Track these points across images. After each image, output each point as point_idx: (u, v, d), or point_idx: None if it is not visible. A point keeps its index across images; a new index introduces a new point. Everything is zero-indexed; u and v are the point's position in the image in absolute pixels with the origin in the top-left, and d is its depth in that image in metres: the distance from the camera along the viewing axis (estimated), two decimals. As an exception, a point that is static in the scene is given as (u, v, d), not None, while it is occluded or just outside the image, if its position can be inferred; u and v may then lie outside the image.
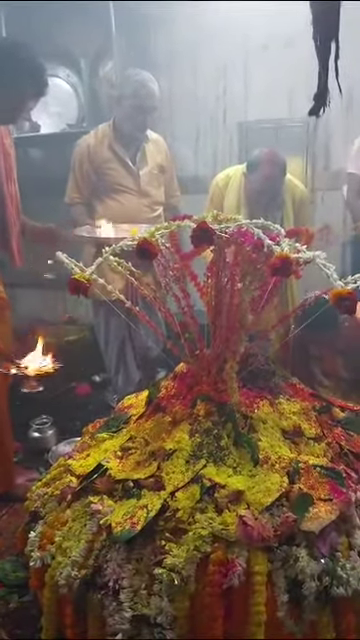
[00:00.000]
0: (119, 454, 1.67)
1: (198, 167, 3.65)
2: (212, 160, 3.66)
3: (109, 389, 3.23)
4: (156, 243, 1.44)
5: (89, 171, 2.89)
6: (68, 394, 3.33)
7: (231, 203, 2.80)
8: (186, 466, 1.55)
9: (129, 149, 2.89)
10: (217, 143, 3.65)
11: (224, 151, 3.64)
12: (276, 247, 1.39)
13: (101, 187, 2.90)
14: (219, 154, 3.65)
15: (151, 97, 2.73)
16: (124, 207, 2.86)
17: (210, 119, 3.60)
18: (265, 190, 2.72)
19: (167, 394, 1.78)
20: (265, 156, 2.69)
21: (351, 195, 3.08)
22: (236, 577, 1.34)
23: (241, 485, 1.48)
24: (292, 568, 1.36)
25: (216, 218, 1.51)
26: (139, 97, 2.70)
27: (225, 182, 2.87)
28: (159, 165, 2.97)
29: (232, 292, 1.66)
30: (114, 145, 2.87)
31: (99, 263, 1.53)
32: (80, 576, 1.44)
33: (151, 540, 1.43)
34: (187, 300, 1.72)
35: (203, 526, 1.40)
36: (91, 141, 2.90)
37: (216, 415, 1.64)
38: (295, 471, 1.53)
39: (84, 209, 2.96)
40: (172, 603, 1.34)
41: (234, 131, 3.60)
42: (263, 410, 1.68)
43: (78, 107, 3.75)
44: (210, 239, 1.41)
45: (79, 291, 1.44)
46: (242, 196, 2.79)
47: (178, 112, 3.57)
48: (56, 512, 1.63)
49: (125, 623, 1.35)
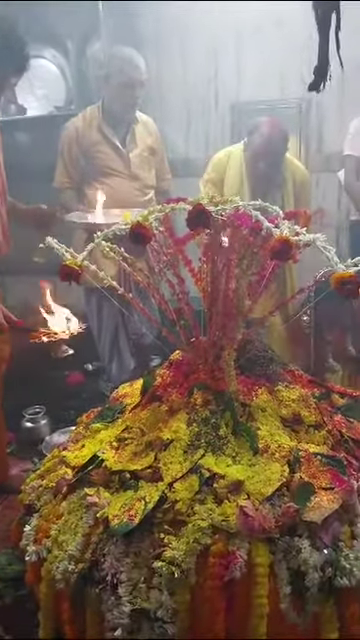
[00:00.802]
0: (115, 445, 1.63)
1: (189, 150, 3.58)
2: (204, 143, 3.59)
3: (103, 377, 3.19)
4: (150, 227, 1.38)
5: (78, 155, 2.82)
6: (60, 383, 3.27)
7: (233, 179, 2.74)
8: (184, 456, 1.51)
9: (118, 131, 2.82)
10: (209, 125, 3.58)
11: (216, 133, 3.57)
12: (275, 230, 1.34)
13: (90, 171, 2.83)
14: (211, 136, 3.58)
15: (138, 71, 2.66)
16: (114, 191, 2.79)
17: (201, 101, 3.53)
18: (267, 153, 2.66)
19: (163, 383, 1.74)
20: (266, 119, 2.66)
21: (349, 177, 3.02)
22: (237, 569, 1.30)
23: (241, 475, 1.45)
24: (294, 559, 1.33)
25: (212, 200, 1.45)
26: (126, 73, 2.64)
27: (226, 158, 2.81)
28: (149, 147, 2.90)
29: (228, 277, 1.62)
30: (103, 127, 2.79)
31: (91, 249, 1.47)
32: (77, 570, 1.41)
33: (149, 533, 1.39)
34: (182, 286, 1.67)
35: (203, 517, 1.37)
36: (79, 124, 2.82)
37: (214, 404, 1.60)
38: (296, 460, 1.50)
39: (74, 194, 2.89)
40: (172, 596, 1.31)
41: (226, 113, 3.53)
42: (261, 398, 1.65)
43: (65, 89, 3.65)
44: (207, 222, 1.36)
45: (71, 278, 1.38)
46: (244, 170, 2.74)
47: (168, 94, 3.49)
48: (51, 505, 1.59)
49: (124, 618, 1.32)
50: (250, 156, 2.72)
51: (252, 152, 2.70)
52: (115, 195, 2.76)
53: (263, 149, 2.66)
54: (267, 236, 1.49)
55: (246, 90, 3.45)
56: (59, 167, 2.89)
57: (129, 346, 2.96)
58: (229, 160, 2.81)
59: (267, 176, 2.70)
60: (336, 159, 3.20)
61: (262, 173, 2.68)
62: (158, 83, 3.39)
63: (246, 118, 3.48)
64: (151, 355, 3.12)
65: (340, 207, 3.41)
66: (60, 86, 3.68)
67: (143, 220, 1.40)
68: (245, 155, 2.75)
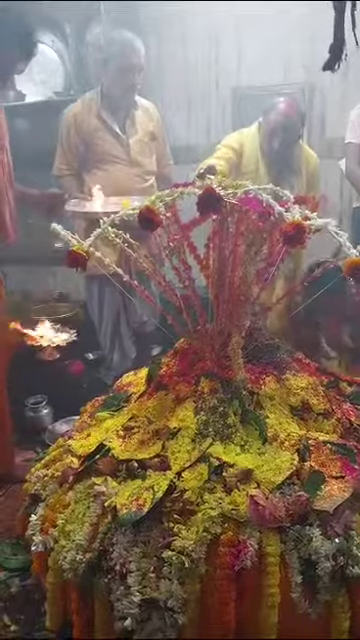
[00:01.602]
0: (121, 433, 1.60)
1: (190, 136, 3.53)
2: (205, 128, 3.54)
3: (104, 366, 3.16)
4: (158, 212, 1.35)
5: (77, 141, 2.77)
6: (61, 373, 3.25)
7: (248, 160, 2.70)
8: (192, 445, 1.49)
9: (118, 117, 2.78)
10: (210, 111, 3.53)
11: (217, 119, 3.52)
12: (287, 214, 1.31)
13: (90, 157, 2.78)
14: (212, 122, 3.53)
15: (137, 55, 2.61)
16: (114, 178, 2.75)
17: (202, 86, 3.48)
18: (283, 130, 2.62)
19: (169, 371, 1.72)
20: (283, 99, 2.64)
21: (351, 164, 2.99)
22: (248, 558, 1.29)
23: (250, 463, 1.43)
24: (306, 548, 1.32)
25: (220, 184, 1.42)
26: (125, 56, 2.59)
27: (241, 138, 2.76)
28: (150, 133, 2.86)
29: (235, 264, 1.59)
30: (102, 113, 2.74)
31: (97, 235, 1.44)
32: (85, 560, 1.39)
33: (158, 522, 1.38)
34: (188, 273, 1.65)
35: (212, 507, 1.35)
36: (78, 110, 2.77)
37: (221, 392, 1.58)
38: (305, 448, 1.49)
39: (73, 181, 2.85)
40: (182, 586, 1.30)
41: (227, 98, 3.48)
42: (269, 386, 1.63)
43: (64, 74, 3.59)
44: (218, 205, 1.33)
45: (77, 264, 1.35)
46: (259, 151, 2.70)
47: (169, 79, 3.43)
48: (57, 494, 1.57)
49: (134, 607, 1.30)
50: (266, 134, 2.66)
51: (268, 130, 2.65)
52: (115, 182, 2.72)
53: (279, 127, 2.61)
54: (277, 221, 1.47)
55: (247, 75, 3.40)
56: (58, 153, 2.84)
57: (130, 334, 2.93)
58: (244, 141, 2.75)
59: (281, 155, 2.65)
60: (339, 146, 3.16)
61: (277, 151, 2.64)
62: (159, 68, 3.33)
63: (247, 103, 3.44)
64: (152, 344, 3.09)
65: (342, 194, 3.38)
66: (59, 71, 3.62)
67: (151, 204, 1.37)
68: (260, 134, 2.70)
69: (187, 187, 1.42)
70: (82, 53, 3.49)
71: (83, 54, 3.50)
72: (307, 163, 2.75)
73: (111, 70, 2.67)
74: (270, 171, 2.66)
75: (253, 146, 2.71)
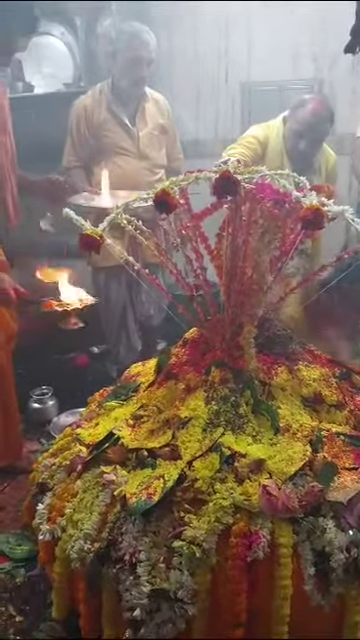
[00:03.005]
0: (131, 422, 1.58)
1: (199, 130, 3.51)
2: (213, 122, 3.52)
3: (109, 359, 3.14)
4: (174, 195, 1.33)
5: (86, 133, 2.75)
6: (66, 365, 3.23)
7: (273, 154, 2.61)
8: (203, 434, 1.47)
9: (128, 109, 2.75)
10: (218, 105, 3.50)
11: (226, 113, 3.49)
12: (304, 199, 1.29)
13: (99, 150, 2.76)
14: (221, 116, 3.51)
15: (146, 48, 2.59)
16: (123, 170, 2.72)
17: (211, 80, 3.45)
18: (311, 130, 2.53)
19: (179, 361, 1.70)
20: (313, 96, 2.57)
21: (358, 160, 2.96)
22: (260, 549, 1.27)
23: (262, 454, 1.41)
24: (319, 540, 1.30)
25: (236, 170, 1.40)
26: (133, 48, 2.57)
27: (265, 132, 2.65)
28: (160, 126, 2.83)
29: (247, 252, 1.57)
30: (112, 105, 2.72)
31: (111, 219, 1.42)
32: (94, 550, 1.37)
33: (168, 512, 1.36)
34: (200, 261, 1.62)
35: (224, 497, 1.33)
36: (88, 102, 2.75)
37: (232, 382, 1.55)
38: (318, 439, 1.46)
39: (82, 173, 2.82)
40: (193, 577, 1.28)
41: (236, 92, 3.45)
42: (281, 377, 1.60)
43: (74, 67, 3.57)
44: (235, 190, 1.31)
45: (91, 248, 1.33)
46: (283, 146, 2.61)
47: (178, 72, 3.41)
48: (65, 483, 1.55)
49: (143, 598, 1.28)
50: (293, 131, 2.57)
51: (296, 127, 2.55)
52: (123, 174, 2.70)
53: (308, 126, 2.52)
54: (291, 209, 1.45)
55: (257, 69, 3.37)
56: (67, 146, 2.82)
57: (136, 328, 2.91)
58: (270, 134, 2.66)
59: (306, 154, 2.58)
60: (348, 141, 3.13)
61: (302, 151, 2.56)
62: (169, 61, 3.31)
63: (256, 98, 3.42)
64: (158, 338, 3.07)
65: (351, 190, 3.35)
66: (68, 63, 3.59)
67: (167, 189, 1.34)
68: (286, 129, 2.62)
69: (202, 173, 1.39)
70: (92, 45, 3.47)
71: (93, 46, 3.48)
72: (327, 162, 2.71)
73: (120, 62, 2.65)
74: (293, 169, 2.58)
75: (278, 141, 2.61)
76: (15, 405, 2.22)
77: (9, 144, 2.08)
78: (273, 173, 1.36)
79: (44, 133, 3.26)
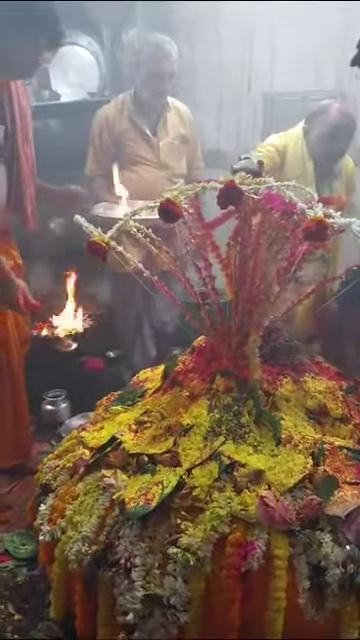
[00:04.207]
0: (134, 427, 1.60)
1: (220, 139, 3.52)
2: (235, 132, 3.52)
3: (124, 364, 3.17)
4: (180, 204, 1.35)
5: (108, 142, 2.79)
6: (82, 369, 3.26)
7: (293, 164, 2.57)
8: (204, 442, 1.48)
9: (149, 119, 2.79)
10: (241, 114, 3.51)
11: (248, 123, 3.49)
12: (309, 211, 1.29)
13: (120, 159, 2.79)
14: (242, 126, 3.51)
15: (168, 61, 2.61)
16: (142, 179, 2.75)
17: (234, 89, 3.46)
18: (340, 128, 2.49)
19: (185, 368, 1.71)
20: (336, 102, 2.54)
21: None
22: (255, 560, 1.27)
23: (262, 464, 1.41)
24: (315, 553, 1.29)
25: (243, 181, 1.41)
26: (155, 61, 2.59)
27: (284, 141, 2.62)
28: (181, 136, 2.86)
29: (257, 262, 1.57)
30: (134, 115, 2.76)
31: (119, 226, 1.44)
32: (91, 552, 1.38)
33: (166, 518, 1.36)
34: (209, 270, 1.63)
35: (221, 505, 1.33)
36: (110, 111, 2.80)
37: (236, 391, 1.56)
38: (320, 452, 1.45)
39: (104, 182, 2.86)
40: (187, 584, 1.28)
41: (259, 102, 3.46)
42: (286, 388, 1.60)
43: (99, 76, 3.62)
44: (239, 200, 1.32)
45: (97, 255, 1.36)
46: (305, 153, 2.58)
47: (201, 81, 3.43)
48: (67, 485, 1.57)
49: (137, 603, 1.29)
50: (322, 135, 2.52)
51: (325, 130, 2.51)
52: (143, 183, 2.73)
53: (337, 128, 2.48)
54: (300, 220, 1.45)
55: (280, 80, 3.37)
56: (90, 154, 2.86)
57: (151, 334, 2.93)
58: (289, 143, 2.63)
59: (336, 156, 2.55)
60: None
61: (335, 152, 2.52)
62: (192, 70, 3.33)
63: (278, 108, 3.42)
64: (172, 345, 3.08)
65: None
66: (94, 73, 3.65)
67: (174, 198, 1.36)
68: (310, 136, 2.57)
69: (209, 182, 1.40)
70: (117, 55, 3.52)
71: (118, 56, 3.53)
72: (345, 168, 2.69)
73: (142, 74, 2.68)
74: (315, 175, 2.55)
75: (297, 148, 2.58)
76: (25, 407, 2.25)
77: (30, 152, 2.12)
78: (279, 184, 1.36)
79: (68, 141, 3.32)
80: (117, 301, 2.91)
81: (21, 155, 2.05)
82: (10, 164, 2.04)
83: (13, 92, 2.04)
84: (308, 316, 2.22)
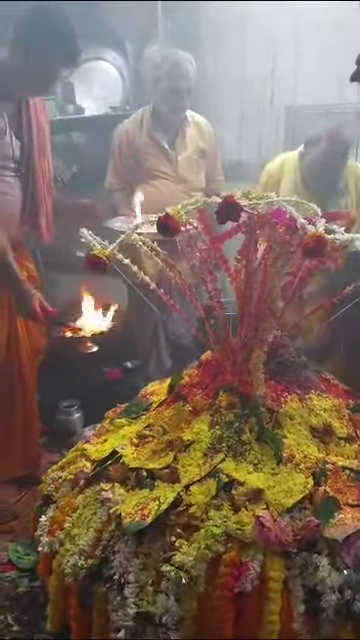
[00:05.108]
0: (135, 441, 1.59)
1: (242, 152, 3.51)
2: (257, 145, 3.51)
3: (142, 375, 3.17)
4: (179, 219, 1.34)
5: (127, 156, 2.82)
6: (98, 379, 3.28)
7: (286, 187, 2.59)
8: (204, 459, 1.46)
9: (168, 133, 2.80)
10: (262, 127, 3.50)
11: (270, 136, 3.48)
12: (310, 227, 1.27)
13: (139, 173, 2.82)
14: (264, 139, 3.50)
15: (185, 78, 2.62)
16: (160, 193, 2.76)
17: (256, 102, 3.45)
18: (325, 165, 2.49)
19: (190, 382, 1.70)
20: (327, 130, 2.50)
21: None
22: (249, 581, 1.24)
23: (261, 483, 1.38)
24: (311, 577, 1.26)
25: (247, 195, 1.40)
26: (173, 78, 2.61)
27: (280, 168, 2.66)
28: (200, 149, 2.87)
29: (263, 277, 1.56)
30: (152, 129, 2.78)
31: (120, 241, 1.45)
32: (87, 566, 1.38)
33: (161, 535, 1.35)
34: (214, 284, 1.63)
35: (216, 524, 1.31)
36: (130, 125, 2.83)
37: (239, 407, 1.54)
38: (322, 472, 1.42)
39: (123, 196, 2.88)
40: (179, 603, 1.26)
41: (281, 115, 3.45)
42: (291, 405, 1.57)
43: (123, 90, 3.68)
44: (237, 215, 1.31)
45: (96, 268, 1.37)
46: (298, 179, 2.59)
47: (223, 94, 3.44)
48: (68, 497, 1.58)
49: (129, 620, 1.28)
50: (307, 169, 2.55)
51: (309, 167, 2.53)
52: (160, 197, 2.73)
53: (324, 161, 2.47)
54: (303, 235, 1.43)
55: (302, 92, 3.35)
56: (110, 168, 2.89)
57: (167, 345, 2.92)
58: (283, 168, 2.67)
59: (325, 186, 2.53)
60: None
61: (318, 187, 2.51)
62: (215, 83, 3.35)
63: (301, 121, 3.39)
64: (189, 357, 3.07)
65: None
66: (118, 87, 3.71)
67: (174, 213, 1.36)
68: (301, 164, 2.60)
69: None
70: (141, 70, 3.57)
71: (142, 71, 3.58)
72: (357, 180, 2.65)
73: (161, 89, 2.71)
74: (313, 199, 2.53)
75: (293, 174, 2.60)
76: (36, 417, 2.27)
77: (47, 167, 2.15)
78: (281, 199, 1.35)
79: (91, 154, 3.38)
80: (134, 312, 2.92)
81: (37, 170, 2.08)
82: (26, 179, 2.07)
83: (31, 108, 2.08)
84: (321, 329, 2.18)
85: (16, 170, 2.04)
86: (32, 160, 2.07)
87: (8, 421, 2.18)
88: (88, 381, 3.07)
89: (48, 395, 2.61)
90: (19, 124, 2.03)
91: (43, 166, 2.12)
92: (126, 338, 3.21)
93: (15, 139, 2.00)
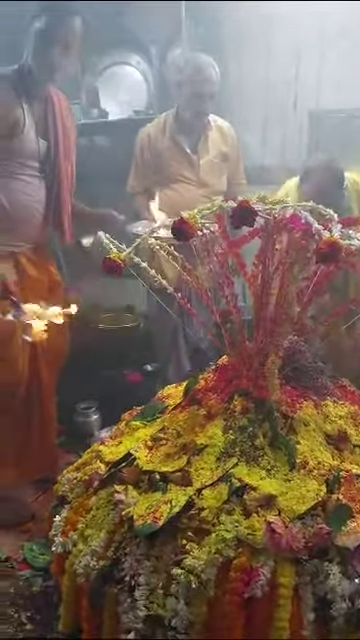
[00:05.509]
0: (149, 444, 1.60)
1: (265, 156, 3.50)
2: (280, 150, 3.50)
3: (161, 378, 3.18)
4: (195, 224, 1.35)
5: (149, 160, 2.83)
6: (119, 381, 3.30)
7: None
8: (216, 463, 1.46)
9: (190, 137, 2.81)
10: (286, 132, 3.48)
11: (293, 140, 3.46)
12: (325, 232, 1.26)
13: (160, 176, 2.83)
14: (287, 143, 3.49)
15: (208, 83, 2.62)
16: (182, 197, 2.77)
17: (280, 106, 3.44)
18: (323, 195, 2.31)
19: (205, 386, 1.70)
20: (319, 165, 2.45)
21: None
22: (258, 587, 1.24)
23: (274, 489, 1.38)
24: (322, 585, 1.25)
25: (262, 200, 1.40)
26: (195, 83, 2.61)
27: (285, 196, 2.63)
28: (222, 154, 2.87)
29: (281, 282, 1.55)
30: (175, 133, 2.79)
31: (137, 244, 1.46)
32: (98, 567, 1.39)
33: (172, 538, 1.35)
34: (231, 288, 1.63)
35: (228, 529, 1.31)
36: (152, 129, 2.84)
37: (253, 412, 1.53)
38: (335, 480, 1.41)
39: (144, 200, 2.90)
40: (189, 607, 1.27)
41: (304, 120, 3.43)
42: (306, 411, 1.56)
43: (147, 94, 3.70)
44: (251, 220, 1.31)
45: (112, 271, 1.38)
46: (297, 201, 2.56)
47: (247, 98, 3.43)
48: (82, 498, 1.59)
49: (139, 622, 1.29)
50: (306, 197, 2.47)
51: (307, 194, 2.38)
52: (181, 201, 2.73)
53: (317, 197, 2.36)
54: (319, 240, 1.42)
55: (326, 97, 3.33)
56: (132, 171, 2.91)
57: (187, 349, 2.93)
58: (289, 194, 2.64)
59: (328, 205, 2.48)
60: None
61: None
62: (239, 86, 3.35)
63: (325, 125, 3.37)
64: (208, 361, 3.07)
65: None
66: (142, 91, 3.73)
67: (190, 217, 1.37)
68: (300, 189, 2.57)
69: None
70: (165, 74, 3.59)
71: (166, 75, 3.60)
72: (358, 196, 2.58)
73: (184, 94, 2.72)
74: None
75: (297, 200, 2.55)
76: (54, 421, 2.28)
77: (70, 171, 2.19)
78: (297, 205, 1.34)
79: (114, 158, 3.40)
80: (153, 315, 2.93)
81: (62, 172, 2.11)
82: (50, 179, 2.10)
83: (57, 110, 2.11)
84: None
85: (40, 170, 2.07)
86: (57, 161, 2.10)
87: (26, 425, 2.19)
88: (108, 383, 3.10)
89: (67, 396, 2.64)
90: (46, 125, 2.07)
91: (67, 169, 2.15)
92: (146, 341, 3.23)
93: (41, 139, 2.04)
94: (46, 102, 2.07)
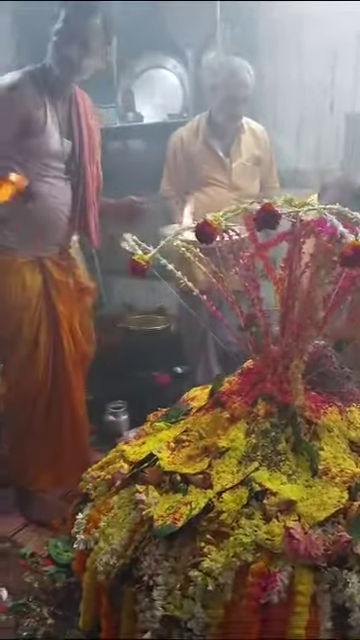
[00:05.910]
0: (172, 445, 1.61)
1: (300, 160, 3.47)
2: (315, 153, 3.46)
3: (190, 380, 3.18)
4: (218, 226, 1.35)
5: (182, 163, 2.84)
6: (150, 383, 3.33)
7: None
8: (237, 467, 1.45)
9: (223, 141, 2.81)
10: (321, 135, 3.44)
11: (329, 143, 3.42)
12: (350, 236, 1.25)
13: (192, 180, 2.84)
14: (323, 146, 3.44)
15: (242, 87, 2.61)
16: (213, 201, 2.76)
17: (315, 109, 3.40)
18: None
19: (229, 389, 1.70)
20: (336, 182, 2.44)
21: None
22: (275, 593, 1.23)
23: (294, 495, 1.36)
24: (340, 593, 1.23)
25: (289, 202, 1.39)
26: (229, 87, 2.61)
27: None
28: (255, 157, 2.85)
29: (308, 285, 1.54)
30: (208, 137, 2.79)
31: (161, 247, 1.47)
32: (118, 565, 1.41)
33: (191, 540, 1.35)
34: (257, 292, 1.62)
35: (246, 533, 1.31)
36: (185, 133, 2.85)
37: (276, 417, 1.52)
38: (358, 487, 1.38)
39: (177, 203, 2.91)
40: (205, 609, 1.27)
41: (341, 123, 3.38)
42: (330, 417, 1.54)
43: (183, 98, 3.72)
44: (274, 223, 1.30)
45: (136, 273, 1.39)
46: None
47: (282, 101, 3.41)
48: (105, 496, 1.61)
49: (156, 622, 1.29)
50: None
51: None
52: (212, 205, 2.72)
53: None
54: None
55: (363, 100, 3.28)
56: (164, 175, 2.93)
57: (216, 352, 2.92)
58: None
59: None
60: None
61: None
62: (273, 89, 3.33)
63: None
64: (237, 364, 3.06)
65: None
66: (178, 95, 3.75)
67: (214, 219, 1.37)
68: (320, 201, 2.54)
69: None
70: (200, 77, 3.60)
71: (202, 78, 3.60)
72: None
73: (217, 98, 2.72)
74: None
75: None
76: (85, 421, 2.29)
77: (96, 173, 2.18)
78: (323, 207, 1.33)
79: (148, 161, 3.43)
80: (183, 317, 2.94)
81: (87, 173, 2.10)
82: (76, 181, 2.08)
83: (81, 111, 2.10)
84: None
85: (66, 172, 2.05)
86: (82, 162, 2.08)
87: (57, 429, 2.20)
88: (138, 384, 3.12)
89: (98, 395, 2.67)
90: (70, 125, 2.06)
91: (93, 171, 2.14)
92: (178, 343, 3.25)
93: (66, 139, 2.03)
94: (70, 102, 2.06)
